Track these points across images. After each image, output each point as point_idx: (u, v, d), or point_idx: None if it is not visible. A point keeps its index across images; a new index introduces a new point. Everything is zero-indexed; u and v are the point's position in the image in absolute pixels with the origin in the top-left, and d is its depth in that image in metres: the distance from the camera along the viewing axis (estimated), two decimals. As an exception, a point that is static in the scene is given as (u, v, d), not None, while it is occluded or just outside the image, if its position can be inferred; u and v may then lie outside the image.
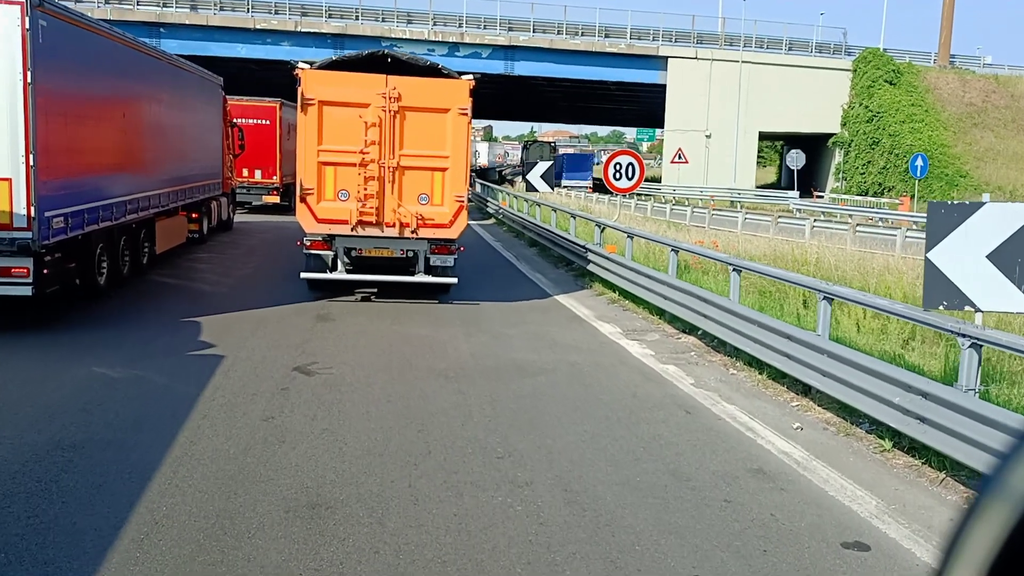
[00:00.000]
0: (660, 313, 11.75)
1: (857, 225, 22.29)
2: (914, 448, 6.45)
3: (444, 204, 12.51)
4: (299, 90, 11.99)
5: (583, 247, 15.77)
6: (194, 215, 17.65)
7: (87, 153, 10.86)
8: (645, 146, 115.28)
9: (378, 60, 12.64)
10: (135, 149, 13.01)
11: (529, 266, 17.55)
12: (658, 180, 48.62)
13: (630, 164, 15.28)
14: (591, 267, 15.06)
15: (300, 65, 12.18)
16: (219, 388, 7.69)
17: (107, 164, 11.59)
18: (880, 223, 28.01)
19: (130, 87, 12.79)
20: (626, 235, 13.59)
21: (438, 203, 12.51)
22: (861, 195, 43.55)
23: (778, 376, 8.45)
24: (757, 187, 48.01)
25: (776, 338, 8.05)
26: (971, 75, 49.38)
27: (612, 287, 13.82)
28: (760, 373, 8.71)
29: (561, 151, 69.46)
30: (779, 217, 24.92)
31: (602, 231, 15.35)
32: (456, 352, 9.61)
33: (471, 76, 12.48)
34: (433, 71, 12.69)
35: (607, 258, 13.69)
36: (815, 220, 22.40)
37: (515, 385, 8.23)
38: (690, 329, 10.85)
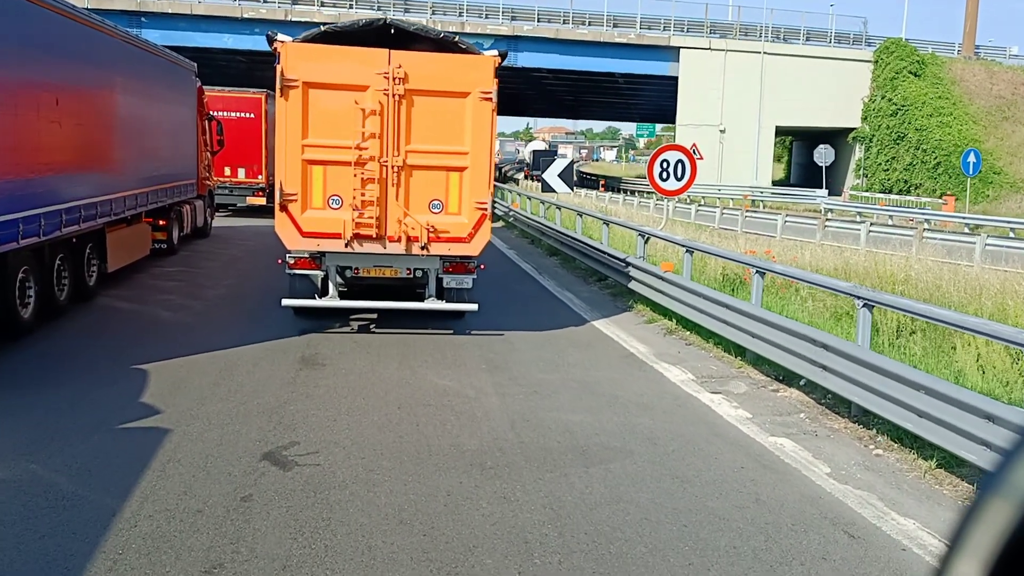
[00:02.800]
0: (739, 351, 9.25)
1: (925, 231, 19.81)
2: None
3: (462, 213, 10.01)
4: (278, 68, 9.45)
5: (621, 260, 13.26)
6: (161, 222, 15.10)
7: (-2, 150, 8.31)
8: (642, 143, 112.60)
9: (379, 31, 10.11)
10: (75, 145, 10.44)
11: (555, 281, 15.03)
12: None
13: (679, 161, 12.76)
14: (633, 285, 12.55)
15: (280, 38, 9.64)
16: (149, 498, 5.16)
17: (31, 164, 9.02)
18: (921, 224, 25.55)
19: (68, 67, 10.22)
20: (684, 249, 11.06)
21: (454, 211, 10.01)
22: (884, 193, 41.15)
23: (951, 461, 5.97)
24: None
25: (961, 415, 5.53)
26: (998, 66, 46.91)
27: (665, 312, 11.30)
28: (924, 458, 6.19)
29: (561, 148, 67.45)
30: (827, 221, 22.43)
31: (646, 241, 12.82)
32: (488, 418, 7.09)
33: (496, 52, 9.98)
34: (448, 44, 10.15)
35: (660, 277, 11.15)
36: (871, 223, 19.97)
37: (581, 482, 5.71)
38: (786, 376, 8.36)
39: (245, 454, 5.95)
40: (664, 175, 12.75)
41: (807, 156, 51.14)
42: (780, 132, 48.78)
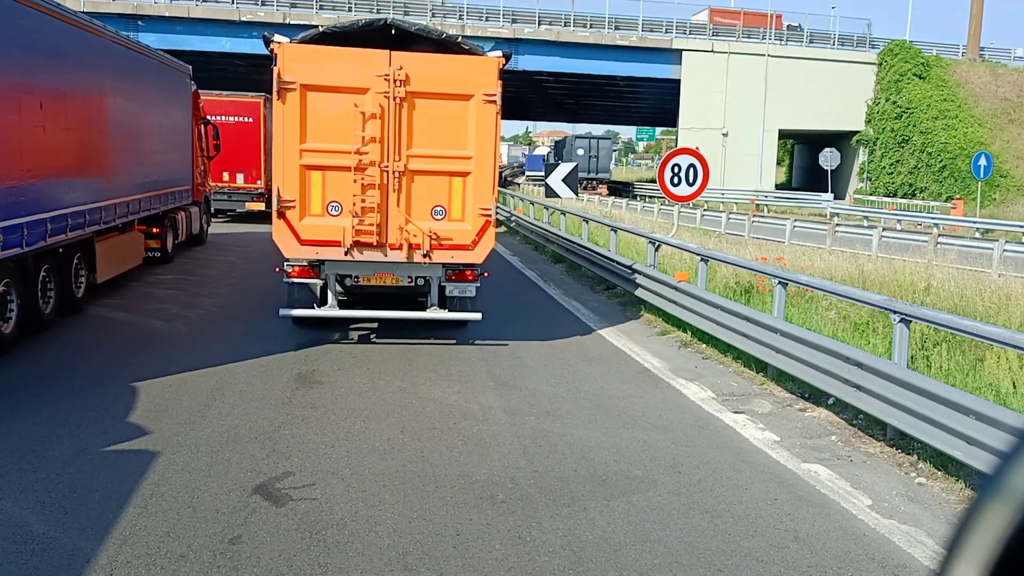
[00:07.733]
0: (761, 366, 8.77)
1: (940, 236, 19.33)
2: None
3: (465, 219, 9.57)
4: (275, 71, 9.01)
5: (628, 267, 12.82)
6: (154, 229, 14.62)
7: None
8: (642, 146, 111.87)
9: (379, 32, 9.67)
10: (61, 150, 9.96)
11: (561, 290, 14.55)
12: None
13: (691, 166, 12.32)
14: (643, 294, 12.09)
15: (277, 39, 9.20)
16: (128, 540, 4.68)
17: (12, 171, 8.53)
18: (935, 230, 25.09)
19: (52, 68, 9.74)
20: (698, 258, 10.58)
21: (457, 218, 9.58)
22: (889, 197, 40.71)
23: (1002, 493, 5.48)
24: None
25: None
26: (1003, 68, 46.49)
27: (679, 323, 10.82)
28: (971, 487, 5.72)
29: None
30: (837, 225, 21.96)
31: (657, 249, 12.35)
32: (497, 442, 6.60)
33: (500, 53, 9.52)
34: (451, 46, 9.71)
35: (674, 287, 10.68)
36: (883, 229, 19.51)
37: (602, 518, 5.23)
38: (812, 394, 7.88)
39: (235, 487, 5.47)
40: (675, 180, 12.29)
41: (808, 159, 50.74)
42: (783, 135, 48.33)
